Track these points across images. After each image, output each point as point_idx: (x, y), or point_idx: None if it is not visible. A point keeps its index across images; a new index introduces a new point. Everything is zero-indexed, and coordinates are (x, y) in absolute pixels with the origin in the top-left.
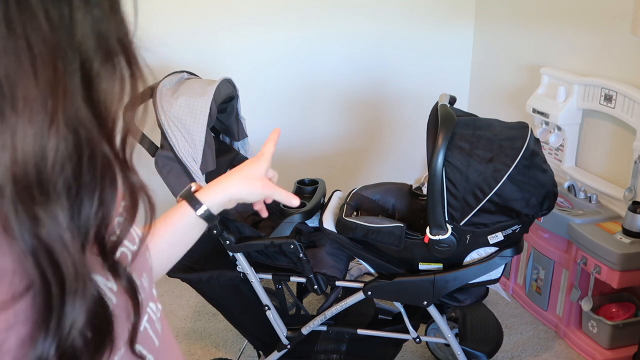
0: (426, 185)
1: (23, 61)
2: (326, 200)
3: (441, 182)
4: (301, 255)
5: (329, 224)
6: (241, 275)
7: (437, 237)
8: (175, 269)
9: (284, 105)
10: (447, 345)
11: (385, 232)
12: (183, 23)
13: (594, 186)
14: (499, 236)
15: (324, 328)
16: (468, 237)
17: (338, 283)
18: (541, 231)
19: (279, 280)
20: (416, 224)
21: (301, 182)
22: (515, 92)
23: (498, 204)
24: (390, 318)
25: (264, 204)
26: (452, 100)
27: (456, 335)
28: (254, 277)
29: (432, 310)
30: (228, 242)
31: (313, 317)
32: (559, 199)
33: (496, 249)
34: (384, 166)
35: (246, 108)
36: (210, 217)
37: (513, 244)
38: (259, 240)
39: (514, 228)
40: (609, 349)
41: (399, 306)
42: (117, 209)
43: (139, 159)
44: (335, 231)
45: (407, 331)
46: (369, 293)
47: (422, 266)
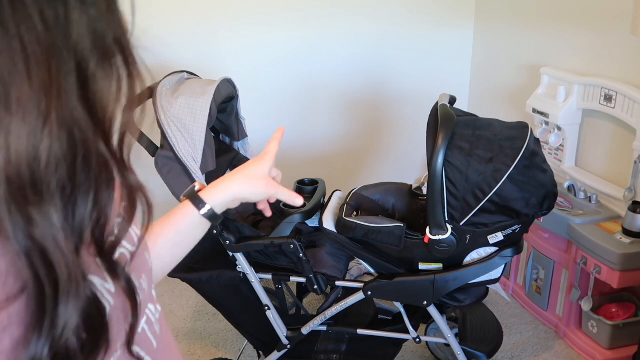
0: (426, 185)
1: (17, 62)
2: (326, 200)
3: (441, 182)
4: (301, 255)
5: (329, 224)
6: (241, 275)
7: (437, 237)
8: (175, 269)
9: (284, 105)
10: (447, 345)
11: (385, 232)
12: (183, 23)
13: (594, 186)
14: (499, 236)
15: (324, 328)
16: (468, 237)
17: (338, 283)
18: (541, 231)
19: (279, 280)
20: (416, 224)
21: (301, 182)
22: (515, 92)
23: (498, 204)
24: (390, 318)
25: (267, 204)
26: (452, 100)
27: (456, 335)
28: (254, 277)
29: (432, 310)
30: (228, 242)
31: (313, 317)
32: (559, 199)
33: (496, 249)
34: (384, 166)
35: (246, 108)
36: (213, 217)
37: (513, 244)
38: (259, 240)
39: (514, 228)
40: (609, 349)
41: (399, 306)
42: (116, 209)
43: (137, 159)
44: (335, 231)
45: (407, 331)
46: (369, 293)
47: (422, 266)
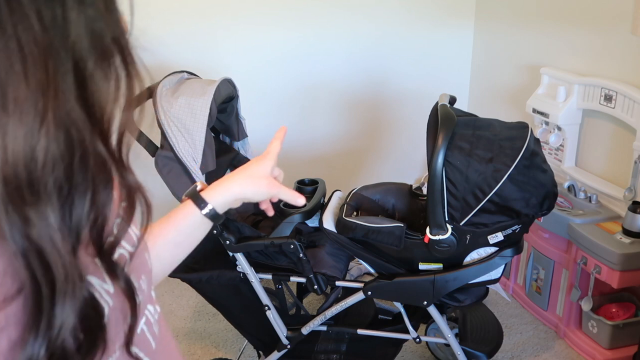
0: (426, 185)
1: (14, 62)
2: (326, 200)
3: (441, 182)
4: (301, 255)
5: (329, 224)
6: (241, 275)
7: (437, 237)
8: (175, 269)
9: (283, 105)
10: (447, 345)
11: (385, 232)
12: (182, 23)
13: (594, 186)
14: (499, 236)
15: (324, 328)
16: (468, 237)
17: (338, 283)
18: (541, 231)
19: (279, 280)
20: (416, 224)
21: (301, 182)
22: (515, 92)
23: (498, 204)
24: (390, 318)
25: (270, 203)
26: (452, 100)
27: (456, 335)
28: (254, 277)
29: (432, 310)
30: (228, 242)
31: (313, 317)
32: (559, 199)
33: (496, 249)
34: (384, 166)
35: (246, 108)
36: (215, 217)
37: (513, 244)
38: (259, 240)
39: (514, 228)
40: (609, 349)
41: (399, 306)
42: (115, 209)
43: (136, 159)
44: (335, 231)
45: (407, 331)
46: (369, 293)
47: (422, 266)
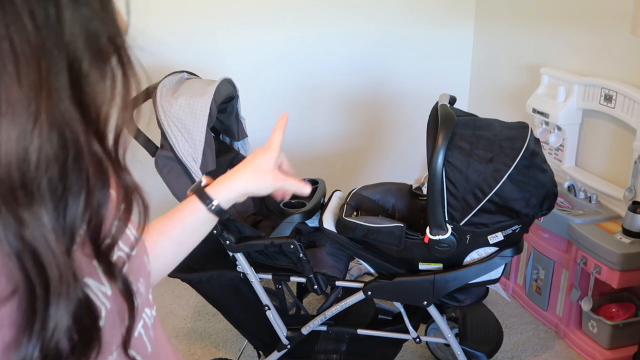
0: (426, 185)
1: (6, 63)
2: (326, 200)
3: (441, 182)
4: (301, 255)
5: (329, 224)
6: (241, 275)
7: (437, 237)
8: (175, 268)
9: (283, 105)
10: (447, 345)
11: (385, 232)
12: (182, 23)
13: (594, 186)
14: (499, 236)
15: (324, 328)
16: (468, 237)
17: (338, 283)
18: (541, 231)
19: (279, 280)
20: (416, 224)
21: None
22: (515, 92)
23: (498, 204)
24: (390, 318)
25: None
26: (452, 100)
27: (456, 335)
28: (254, 277)
29: (432, 310)
30: (228, 242)
31: (313, 317)
32: (559, 199)
33: (496, 249)
34: (384, 166)
35: (246, 108)
36: (221, 212)
37: (513, 244)
38: (259, 240)
39: (514, 228)
40: (609, 349)
41: (399, 306)
42: (112, 210)
43: (133, 158)
44: (335, 231)
45: (407, 331)
46: (369, 293)
47: (422, 266)
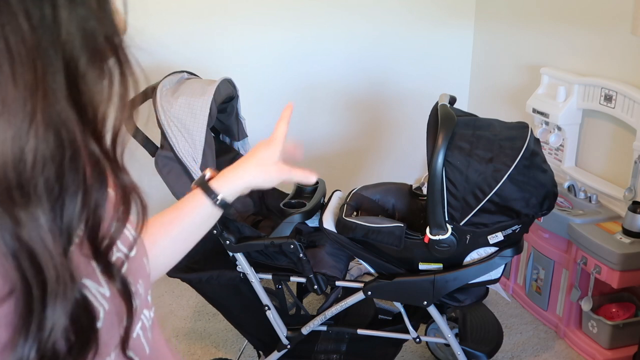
0: (426, 185)
1: (1, 63)
2: (326, 200)
3: (441, 182)
4: (301, 255)
5: (329, 224)
6: (241, 275)
7: (437, 237)
8: (175, 269)
9: (283, 105)
10: (447, 345)
11: (385, 232)
12: (181, 23)
13: (594, 186)
14: (499, 236)
15: (324, 328)
16: (468, 237)
17: (338, 283)
18: (541, 231)
19: (279, 280)
20: (416, 224)
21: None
22: (515, 92)
23: (498, 204)
24: (390, 318)
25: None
26: (452, 100)
27: (456, 335)
28: (254, 277)
29: (432, 310)
30: (228, 242)
31: (313, 317)
32: (559, 199)
33: (496, 249)
34: (384, 166)
35: (245, 108)
36: (226, 206)
37: (513, 244)
38: (259, 240)
39: (514, 228)
40: (609, 349)
41: (399, 306)
42: (110, 210)
43: (130, 158)
44: (335, 231)
45: (407, 331)
46: (369, 293)
47: (422, 266)
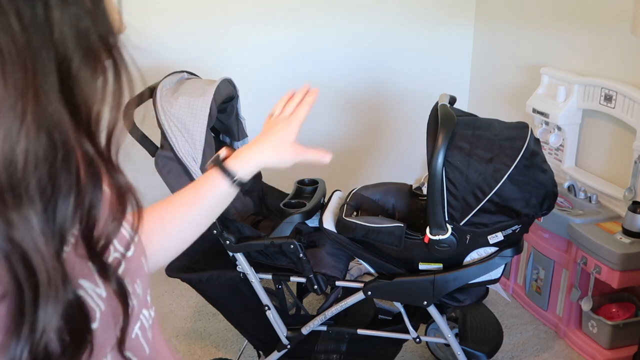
0: (426, 185)
1: None
2: (326, 200)
3: (441, 182)
4: (301, 255)
5: (329, 224)
6: (241, 275)
7: (437, 237)
8: (175, 269)
9: None
10: (447, 345)
11: (385, 232)
12: (181, 23)
13: (594, 186)
14: (499, 236)
15: (324, 328)
16: (468, 237)
17: (338, 283)
18: (541, 231)
19: (279, 280)
20: (416, 224)
21: (301, 182)
22: (515, 92)
23: (498, 204)
24: (390, 318)
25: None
26: (452, 100)
27: (456, 335)
28: (254, 277)
29: (432, 310)
30: (228, 242)
31: (313, 317)
32: (559, 199)
33: (496, 249)
34: (384, 166)
35: (246, 108)
36: (242, 185)
37: (513, 244)
38: (259, 240)
39: (514, 228)
40: (609, 349)
41: (399, 306)
42: (106, 210)
43: (125, 158)
44: (335, 231)
45: (407, 331)
46: (369, 293)
47: (422, 266)
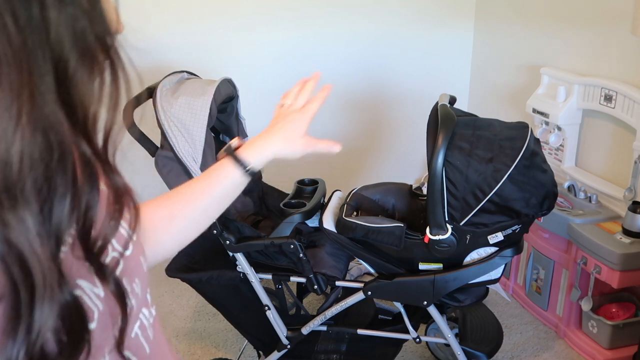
0: (426, 185)
1: None
2: (326, 200)
3: (441, 182)
4: (301, 255)
5: (329, 224)
6: (241, 275)
7: (437, 237)
8: (175, 269)
9: None
10: (447, 345)
11: (385, 232)
12: (180, 23)
13: (594, 186)
14: (499, 236)
15: (324, 328)
16: (468, 237)
17: (338, 283)
18: (541, 231)
19: (279, 280)
20: (416, 224)
21: (301, 182)
22: (515, 92)
23: (498, 204)
24: (390, 318)
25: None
26: (452, 100)
27: (456, 335)
28: (254, 277)
29: (432, 310)
30: (228, 242)
31: (313, 317)
32: (559, 199)
33: (496, 249)
34: (384, 166)
35: (245, 108)
36: (254, 175)
37: (513, 244)
38: (259, 240)
39: (514, 228)
40: (609, 349)
41: (399, 306)
42: (103, 210)
43: (122, 159)
44: (335, 231)
45: (407, 331)
46: (369, 293)
47: (422, 266)
